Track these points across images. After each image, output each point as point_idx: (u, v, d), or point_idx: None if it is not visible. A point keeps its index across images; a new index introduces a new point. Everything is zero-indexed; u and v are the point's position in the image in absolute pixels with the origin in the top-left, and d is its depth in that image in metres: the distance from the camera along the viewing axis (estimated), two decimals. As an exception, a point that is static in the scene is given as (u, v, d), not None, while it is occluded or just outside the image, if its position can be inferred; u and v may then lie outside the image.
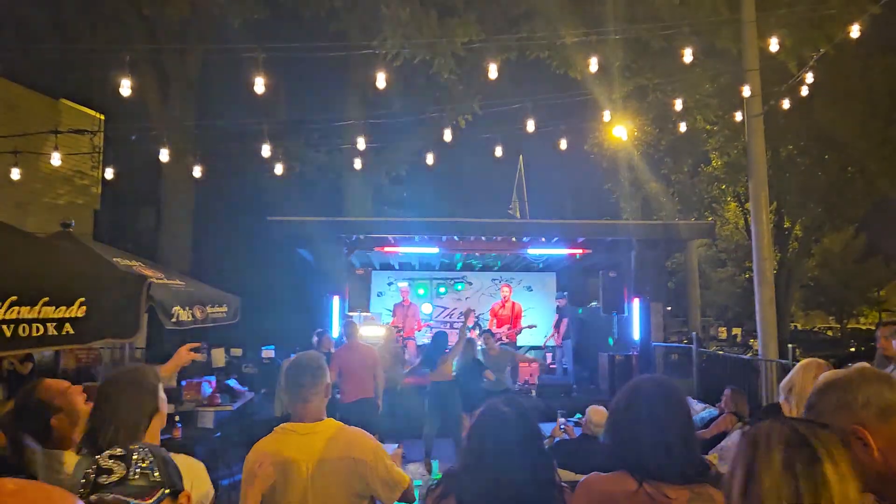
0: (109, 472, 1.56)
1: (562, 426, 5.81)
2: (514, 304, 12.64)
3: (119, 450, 1.61)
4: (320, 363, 2.81)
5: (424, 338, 13.27)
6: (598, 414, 5.22)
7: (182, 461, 1.92)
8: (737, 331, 30.00)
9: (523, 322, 12.53)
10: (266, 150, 10.69)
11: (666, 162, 19.06)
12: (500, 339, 12.09)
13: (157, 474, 1.59)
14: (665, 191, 19.34)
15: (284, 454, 2.62)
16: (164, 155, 11.21)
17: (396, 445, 3.16)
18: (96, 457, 1.60)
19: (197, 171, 12.09)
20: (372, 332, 10.76)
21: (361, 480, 2.62)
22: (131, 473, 1.56)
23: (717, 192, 20.95)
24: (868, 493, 1.41)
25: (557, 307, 12.78)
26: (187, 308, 4.72)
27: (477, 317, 13.54)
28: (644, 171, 19.10)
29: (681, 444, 1.97)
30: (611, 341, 12.69)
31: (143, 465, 1.59)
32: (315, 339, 8.88)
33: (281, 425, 2.72)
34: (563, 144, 11.75)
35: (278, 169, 12.13)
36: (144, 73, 13.67)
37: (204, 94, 15.34)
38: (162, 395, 2.44)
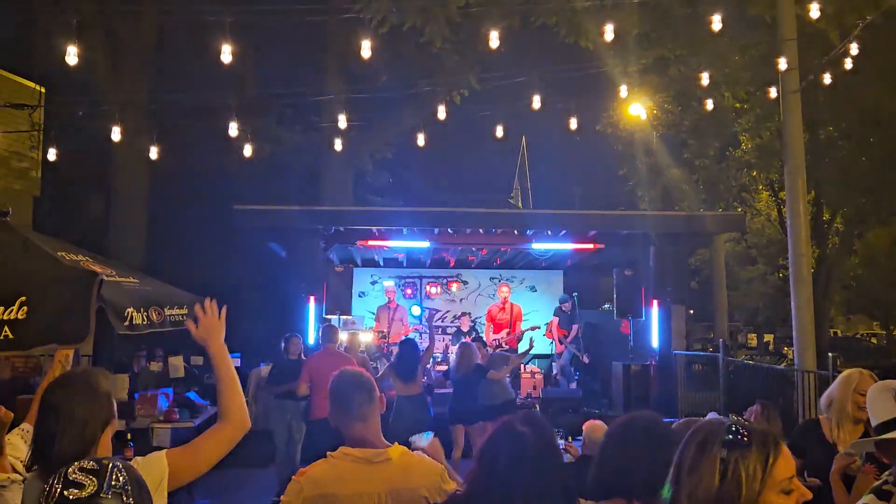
0: (80, 486, 1.56)
1: (561, 446, 5.84)
2: (513, 305, 12.66)
3: (91, 463, 1.62)
4: (370, 379, 2.82)
5: (418, 342, 13.29)
6: (598, 431, 5.20)
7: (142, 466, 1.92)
8: (769, 337, 30.14)
9: (524, 325, 12.55)
10: (233, 129, 10.65)
11: (689, 145, 19.07)
12: (500, 345, 12.12)
13: (131, 500, 1.59)
14: (688, 178, 19.37)
15: (353, 489, 2.54)
16: (115, 134, 11.16)
17: (430, 434, 3.15)
18: (65, 469, 1.61)
19: (153, 153, 12.04)
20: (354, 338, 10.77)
21: None
22: (104, 491, 1.57)
23: (748, 179, 20.98)
24: None
25: (560, 309, 12.77)
26: (142, 310, 4.71)
27: (473, 321, 13.58)
28: (664, 156, 19.10)
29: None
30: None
31: (117, 483, 1.59)
32: (282, 344, 8.89)
33: (338, 451, 2.63)
34: (573, 124, 11.75)
35: (247, 150, 12.09)
36: (92, 39, 13.58)
37: (161, 64, 15.28)
38: (114, 401, 2.45)
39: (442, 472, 2.68)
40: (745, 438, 1.57)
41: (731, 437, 1.58)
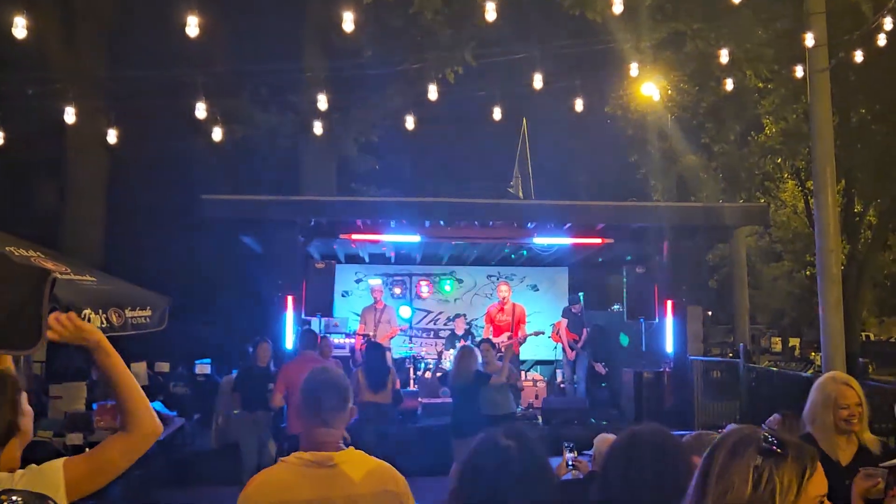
0: None
1: (570, 462, 5.83)
2: (514, 306, 12.67)
3: None
4: (346, 382, 2.85)
5: (407, 346, 13.32)
6: (607, 444, 5.16)
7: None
8: (794, 341, 30.27)
9: (527, 328, 12.57)
10: (200, 110, 10.60)
11: (707, 129, 19.11)
12: (500, 350, 12.12)
13: None
14: (706, 165, 19.40)
15: (306, 495, 2.59)
16: (70, 115, 11.09)
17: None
18: None
19: (111, 136, 11.98)
20: (336, 341, 10.77)
21: None
22: None
23: (772, 167, 21.03)
24: None
25: (569, 310, 12.77)
26: (101, 311, 4.69)
27: (468, 323, 13.59)
28: (680, 141, 19.12)
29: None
30: (624, 340, 12.72)
31: None
32: (250, 349, 8.87)
33: (291, 455, 2.67)
34: (579, 106, 11.75)
35: (216, 134, 12.04)
36: (43, 8, 13.50)
37: (120, 36, 15.19)
38: (26, 408, 2.40)
39: (404, 484, 2.72)
40: (782, 448, 1.61)
41: (766, 444, 1.61)
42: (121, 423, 2.47)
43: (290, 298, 10.94)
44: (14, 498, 1.55)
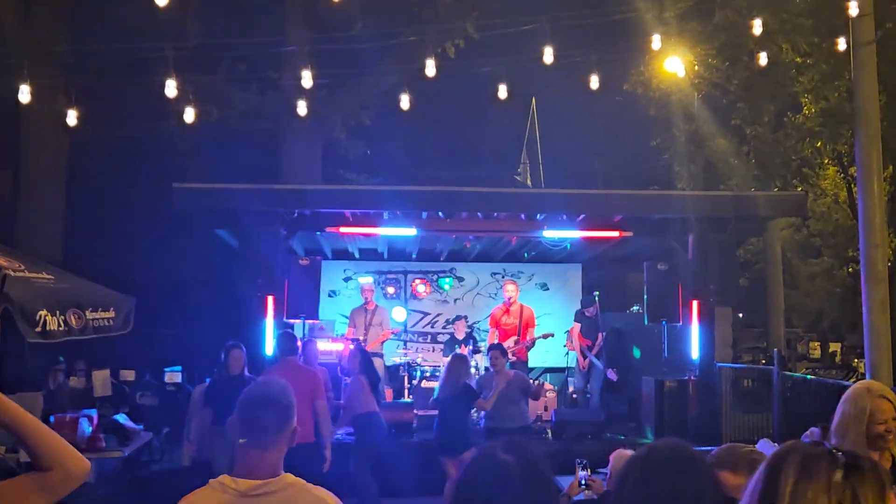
0: None
1: (582, 481, 5.84)
2: (522, 307, 12.65)
3: None
4: (290, 399, 2.82)
5: (401, 352, 13.29)
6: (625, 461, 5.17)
7: None
8: (835, 347, 30.27)
9: (536, 332, 12.55)
10: (171, 89, 10.58)
11: (739, 109, 19.09)
12: (509, 357, 12.12)
13: None
14: (737, 150, 19.39)
15: None
16: (25, 94, 11.08)
17: None
18: None
19: (71, 118, 11.96)
20: (323, 346, 10.76)
21: None
22: None
23: (810, 151, 21.02)
24: None
25: (582, 313, 12.75)
26: (58, 313, 4.69)
27: (470, 326, 13.58)
28: (707, 123, 19.11)
29: None
30: (636, 353, 12.70)
31: None
32: (222, 356, 8.87)
33: (219, 479, 2.66)
34: (594, 83, 11.72)
35: (188, 115, 12.03)
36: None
37: (82, 6, 15.15)
38: None
39: None
40: (859, 464, 1.60)
41: (845, 460, 1.60)
42: (35, 464, 2.38)
43: (270, 299, 10.92)
44: None
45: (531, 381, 11.04)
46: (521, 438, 2.45)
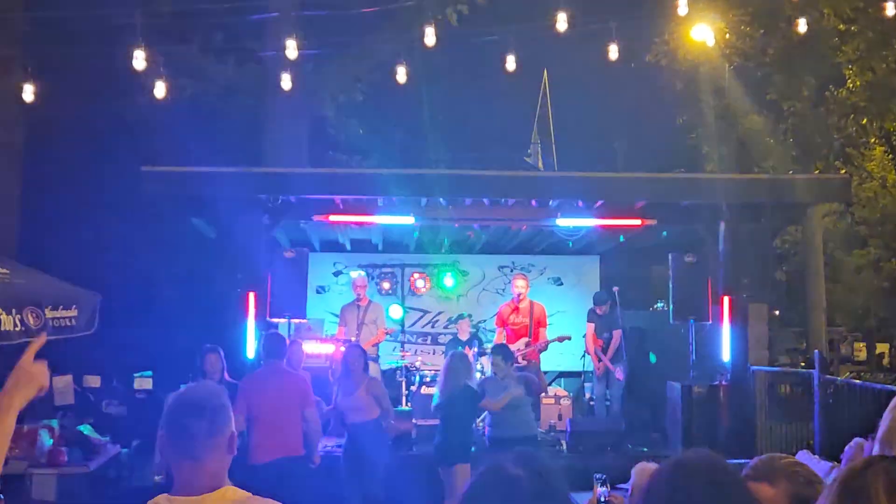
0: None
1: (602, 498, 5.85)
2: (533, 304, 12.63)
3: None
4: (222, 400, 2.83)
5: (398, 354, 13.30)
6: (646, 475, 5.19)
7: None
8: (883, 347, 30.23)
9: (549, 332, 12.54)
10: (140, 61, 10.58)
11: (775, 82, 19.07)
12: (517, 361, 12.11)
13: None
14: (773, 128, 19.35)
15: None
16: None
17: None
18: None
19: (28, 93, 11.96)
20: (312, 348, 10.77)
21: None
22: None
23: (855, 129, 21.00)
24: None
25: (594, 312, 12.72)
26: (13, 311, 4.70)
27: (475, 326, 13.58)
28: (740, 98, 19.07)
29: None
30: (652, 358, 12.68)
31: None
32: (197, 360, 8.87)
33: (155, 499, 2.70)
34: (613, 53, 11.71)
35: (159, 90, 12.03)
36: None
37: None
38: None
39: None
40: None
41: None
42: None
43: (251, 296, 10.92)
44: None
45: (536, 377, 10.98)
46: (533, 451, 2.44)
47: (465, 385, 8.62)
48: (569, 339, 12.66)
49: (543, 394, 11.84)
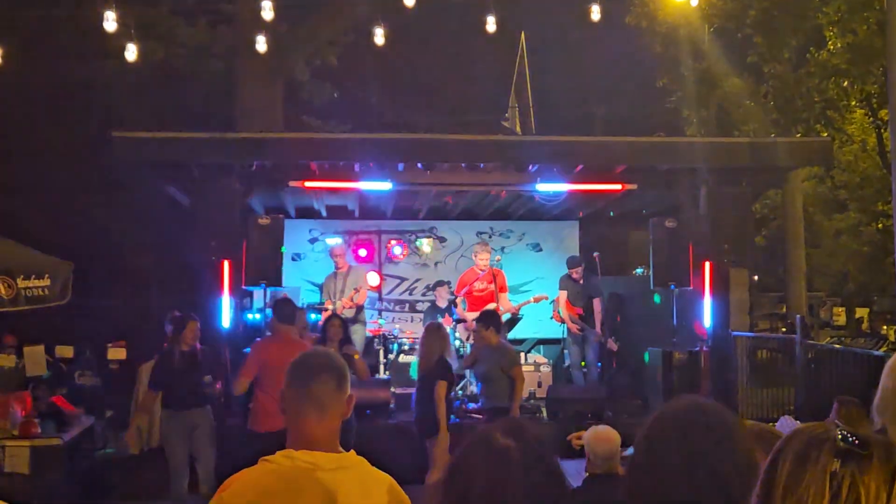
0: None
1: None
2: (493, 271, 12.54)
3: None
4: (344, 363, 2.89)
5: (374, 324, 13.26)
6: (601, 441, 5.16)
7: None
8: (862, 312, 30.47)
9: (513, 297, 12.49)
10: (109, 22, 10.42)
11: (755, 45, 19.06)
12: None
13: None
14: (753, 91, 19.37)
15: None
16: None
17: None
18: None
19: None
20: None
21: None
22: None
23: (836, 92, 21.04)
24: None
25: (568, 278, 12.71)
26: (-19, 280, 4.61)
27: (453, 293, 13.57)
28: (720, 60, 19.06)
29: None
30: (657, 298, 12.65)
31: None
32: (169, 328, 8.77)
33: (282, 453, 2.65)
34: (594, 14, 11.63)
35: (130, 53, 11.86)
36: None
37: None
38: None
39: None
40: (864, 448, 1.54)
41: (844, 444, 1.55)
42: None
43: (226, 263, 10.86)
44: None
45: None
46: (522, 420, 2.41)
47: (438, 358, 8.59)
48: (546, 298, 12.68)
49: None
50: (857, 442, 1.55)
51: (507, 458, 2.12)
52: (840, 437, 1.56)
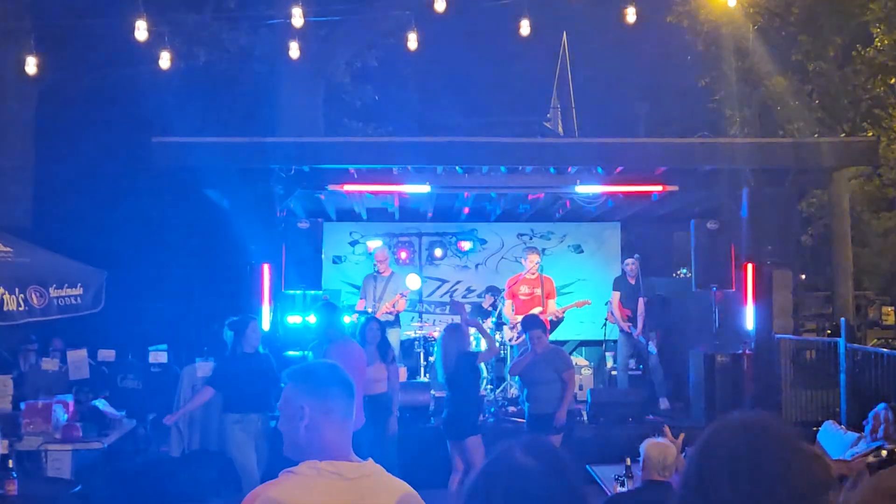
0: None
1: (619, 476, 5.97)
2: (542, 276, 12.50)
3: None
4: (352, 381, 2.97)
5: (415, 326, 13.28)
6: (658, 450, 5.46)
7: None
8: (912, 311, 30.09)
9: (559, 301, 12.45)
10: (141, 31, 10.54)
11: (800, 42, 18.87)
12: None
13: None
14: (798, 89, 19.17)
15: None
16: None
17: None
18: None
19: (31, 65, 11.95)
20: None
21: None
22: None
23: (883, 89, 20.76)
24: None
25: (624, 278, 12.72)
26: (17, 291, 4.69)
27: (496, 298, 13.56)
28: (764, 59, 18.89)
29: None
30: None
31: None
32: (229, 332, 8.80)
33: (309, 463, 2.68)
34: (631, 15, 11.59)
35: (171, 60, 11.99)
36: None
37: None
38: None
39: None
40: None
41: None
42: None
43: (266, 267, 10.95)
44: None
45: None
46: (545, 438, 2.38)
47: (458, 352, 8.57)
48: (588, 303, 12.65)
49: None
50: None
51: (527, 477, 2.09)
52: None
